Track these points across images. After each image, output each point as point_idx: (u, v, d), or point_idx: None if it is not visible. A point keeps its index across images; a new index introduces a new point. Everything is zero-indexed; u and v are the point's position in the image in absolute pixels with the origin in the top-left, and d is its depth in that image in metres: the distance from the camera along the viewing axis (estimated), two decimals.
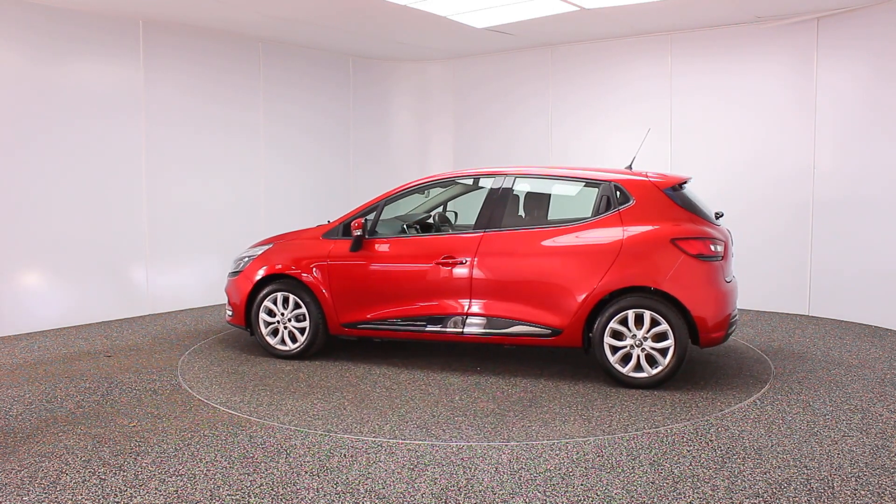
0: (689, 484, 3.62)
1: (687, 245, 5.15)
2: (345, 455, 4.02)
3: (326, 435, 4.33)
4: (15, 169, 6.99)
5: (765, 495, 3.48)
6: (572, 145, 9.33)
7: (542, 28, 8.31)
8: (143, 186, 7.98)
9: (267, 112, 9.21)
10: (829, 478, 3.68)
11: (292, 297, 6.07)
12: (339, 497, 3.49)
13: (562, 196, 6.10)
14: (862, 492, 3.52)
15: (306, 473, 3.77)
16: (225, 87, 8.72)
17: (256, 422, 4.57)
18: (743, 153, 8.19)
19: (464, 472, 3.77)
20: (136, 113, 7.88)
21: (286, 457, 3.99)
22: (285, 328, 6.13)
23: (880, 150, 7.23)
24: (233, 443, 4.20)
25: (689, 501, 3.43)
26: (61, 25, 7.22)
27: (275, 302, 6.13)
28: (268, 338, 6.18)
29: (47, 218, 7.22)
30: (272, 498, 3.48)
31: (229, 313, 6.42)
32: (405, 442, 4.22)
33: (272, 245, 6.35)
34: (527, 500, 3.46)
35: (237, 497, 3.49)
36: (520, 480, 3.68)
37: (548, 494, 3.51)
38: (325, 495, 3.51)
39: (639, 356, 5.17)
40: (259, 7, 7.40)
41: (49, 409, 4.83)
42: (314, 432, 4.38)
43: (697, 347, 5.29)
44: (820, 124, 7.71)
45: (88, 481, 3.68)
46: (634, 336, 5.16)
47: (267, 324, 6.18)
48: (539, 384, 5.37)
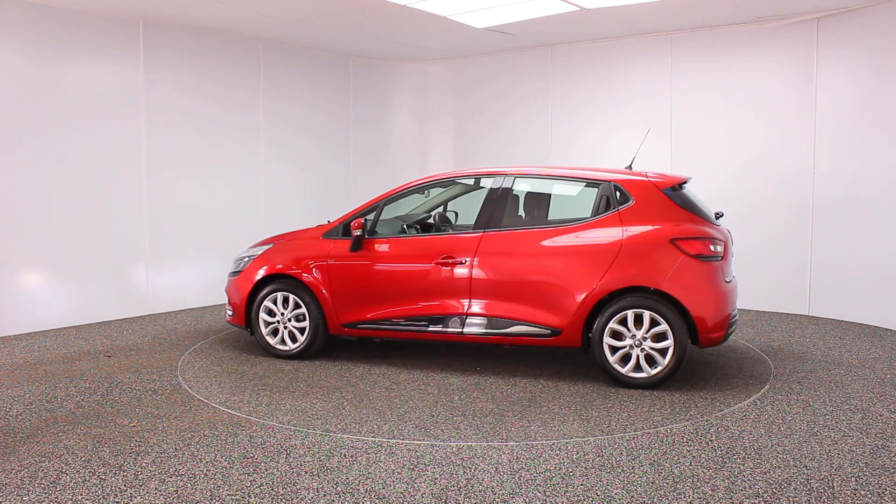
0: (689, 484, 3.62)
1: (686, 245, 5.15)
2: (345, 455, 4.02)
3: (326, 435, 4.34)
4: (15, 169, 6.99)
5: (765, 495, 3.48)
6: (572, 145, 9.33)
7: (542, 28, 8.31)
8: (143, 186, 7.98)
9: (267, 112, 9.21)
10: (829, 478, 3.69)
11: (292, 297, 6.08)
12: (339, 497, 3.50)
13: (561, 196, 6.10)
14: (862, 492, 3.52)
15: (306, 473, 3.77)
16: (225, 87, 8.72)
17: (256, 422, 4.57)
18: (743, 153, 8.20)
19: (464, 472, 3.78)
20: (136, 113, 7.88)
21: (286, 457, 3.99)
22: (285, 328, 6.14)
23: (880, 150, 7.23)
24: (233, 443, 4.20)
25: (689, 501, 3.43)
26: (61, 25, 7.22)
27: (275, 302, 6.14)
28: (268, 337, 6.18)
29: (47, 218, 7.22)
30: (272, 498, 3.49)
31: (229, 313, 6.42)
32: (405, 442, 4.22)
33: (272, 245, 6.35)
34: (527, 500, 3.46)
35: (237, 497, 3.49)
36: (520, 480, 3.68)
37: (548, 494, 3.52)
38: (325, 495, 3.51)
39: (638, 356, 5.17)
40: (259, 7, 7.40)
41: (49, 409, 4.83)
42: (314, 432, 4.38)
43: (697, 347, 5.29)
44: (820, 124, 7.71)
45: (88, 481, 3.68)
46: (634, 336, 5.16)
47: (267, 324, 6.18)
48: (538, 384, 5.38)
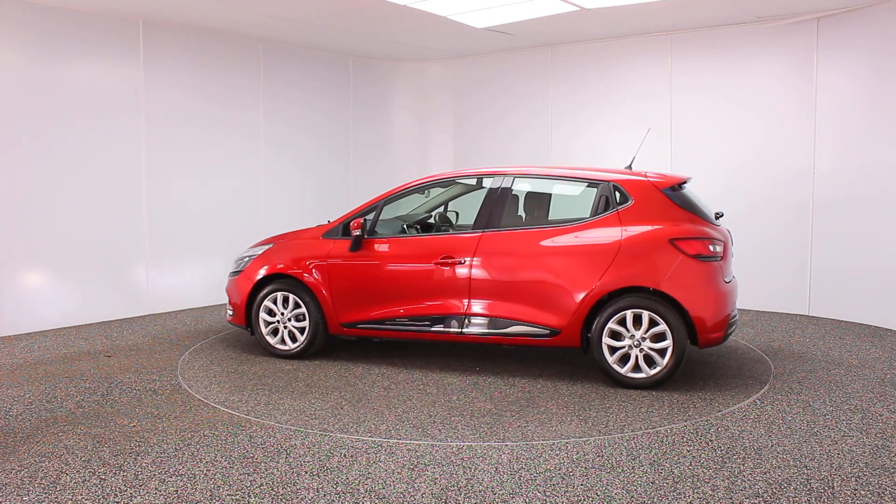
0: (689, 484, 3.62)
1: (686, 245, 5.15)
2: (345, 455, 4.02)
3: (326, 435, 4.34)
4: (15, 169, 6.99)
5: (765, 495, 3.48)
6: (572, 145, 9.33)
7: (542, 28, 8.31)
8: (143, 186, 7.99)
9: (267, 112, 9.21)
10: (829, 478, 3.69)
11: (292, 297, 6.08)
12: (339, 497, 3.50)
13: (561, 196, 6.10)
14: (862, 492, 3.52)
15: (306, 473, 3.77)
16: (225, 87, 8.73)
17: (256, 421, 4.57)
18: (743, 153, 8.20)
19: (464, 472, 3.78)
20: (136, 113, 7.88)
21: (286, 457, 3.99)
22: (285, 328, 6.14)
23: (880, 150, 7.23)
24: (233, 443, 4.20)
25: (689, 501, 3.43)
26: (61, 25, 7.22)
27: (275, 301, 6.14)
28: (268, 337, 6.18)
29: (47, 218, 7.23)
30: (272, 498, 3.49)
31: (230, 313, 6.43)
32: (404, 442, 4.22)
33: (272, 245, 6.35)
34: (527, 500, 3.46)
35: (237, 497, 3.50)
36: (520, 480, 3.68)
37: (548, 494, 3.52)
38: (325, 495, 3.51)
39: (637, 356, 5.17)
40: (259, 7, 7.40)
41: (49, 409, 4.83)
42: (313, 432, 4.38)
43: (697, 348, 5.29)
44: (820, 124, 7.71)
45: (88, 481, 3.68)
46: (633, 336, 5.16)
47: (267, 323, 6.18)
48: (537, 384, 5.38)
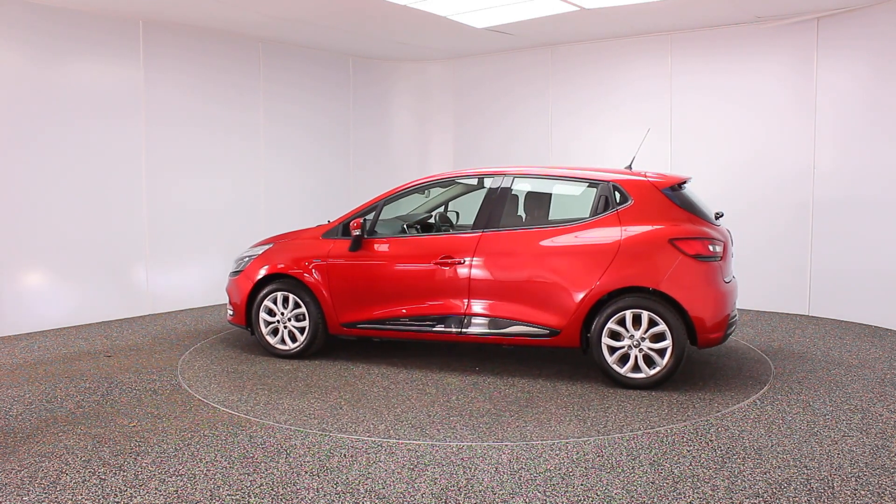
0: (689, 484, 3.62)
1: (685, 245, 5.15)
2: (345, 455, 4.02)
3: (326, 434, 4.34)
4: (15, 169, 6.99)
5: (765, 495, 3.48)
6: (572, 145, 9.33)
7: (542, 28, 8.31)
8: (143, 186, 7.99)
9: (267, 112, 9.21)
10: (829, 478, 3.69)
11: (292, 297, 6.08)
12: (339, 497, 3.50)
13: (561, 196, 6.10)
14: (862, 492, 3.52)
15: (306, 473, 3.77)
16: (225, 87, 8.73)
17: (256, 421, 4.57)
18: (743, 153, 8.20)
19: (464, 472, 3.78)
20: (136, 113, 7.88)
21: (286, 457, 3.99)
22: (285, 328, 6.14)
23: (880, 150, 7.23)
24: (233, 443, 4.20)
25: (689, 501, 3.43)
26: (61, 25, 7.22)
27: (275, 301, 6.14)
28: (268, 337, 6.18)
29: (47, 218, 7.23)
30: (272, 498, 3.49)
31: (230, 313, 6.43)
32: (404, 442, 4.22)
33: (273, 245, 6.35)
34: (527, 500, 3.46)
35: (237, 497, 3.50)
36: (520, 480, 3.68)
37: (548, 494, 3.52)
38: (325, 495, 3.51)
39: (637, 357, 5.17)
40: (259, 7, 7.40)
41: (49, 409, 4.83)
42: (313, 432, 4.38)
43: (696, 348, 5.29)
44: (820, 124, 7.71)
45: (88, 481, 3.68)
46: (632, 336, 5.16)
47: (267, 323, 6.19)
48: (536, 384, 5.38)
